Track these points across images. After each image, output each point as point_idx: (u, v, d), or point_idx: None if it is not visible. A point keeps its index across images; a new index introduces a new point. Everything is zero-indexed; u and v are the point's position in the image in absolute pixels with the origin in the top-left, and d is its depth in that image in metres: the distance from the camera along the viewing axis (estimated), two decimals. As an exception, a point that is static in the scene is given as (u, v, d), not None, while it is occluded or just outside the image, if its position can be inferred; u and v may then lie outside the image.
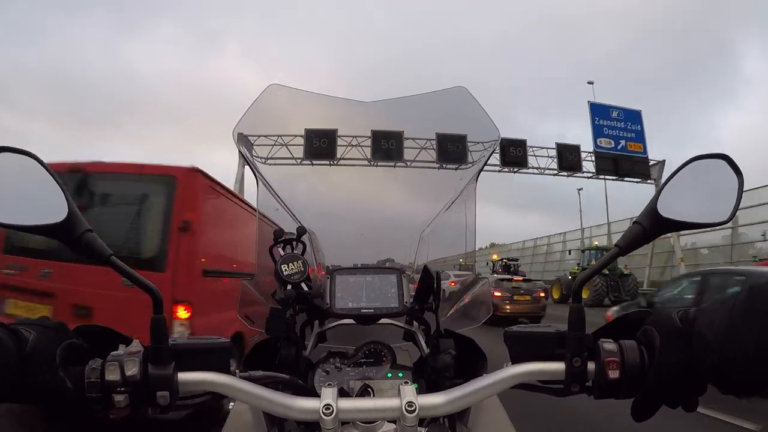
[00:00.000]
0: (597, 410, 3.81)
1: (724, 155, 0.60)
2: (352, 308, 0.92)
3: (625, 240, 0.61)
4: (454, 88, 0.95)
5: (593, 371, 0.61)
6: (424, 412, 0.59)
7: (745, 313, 0.52)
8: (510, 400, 0.90)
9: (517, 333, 0.67)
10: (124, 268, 0.60)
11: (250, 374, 0.67)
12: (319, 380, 0.88)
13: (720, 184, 0.60)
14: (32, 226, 0.54)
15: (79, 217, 0.56)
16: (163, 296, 0.59)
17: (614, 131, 20.44)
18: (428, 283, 0.93)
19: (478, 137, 0.98)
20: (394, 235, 1.11)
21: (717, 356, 0.53)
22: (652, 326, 0.60)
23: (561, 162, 19.81)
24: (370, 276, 0.95)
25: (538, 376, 0.64)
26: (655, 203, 0.59)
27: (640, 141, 20.79)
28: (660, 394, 0.58)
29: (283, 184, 0.97)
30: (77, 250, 0.57)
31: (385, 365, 0.91)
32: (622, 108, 21.03)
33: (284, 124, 1.06)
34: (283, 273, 0.82)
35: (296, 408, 0.59)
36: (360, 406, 0.61)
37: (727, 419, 3.90)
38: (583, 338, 0.61)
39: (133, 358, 0.58)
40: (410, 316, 0.98)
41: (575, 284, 0.63)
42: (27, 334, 0.55)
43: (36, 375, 0.54)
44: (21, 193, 0.55)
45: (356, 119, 1.02)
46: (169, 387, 0.58)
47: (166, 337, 0.60)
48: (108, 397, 0.57)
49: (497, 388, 0.63)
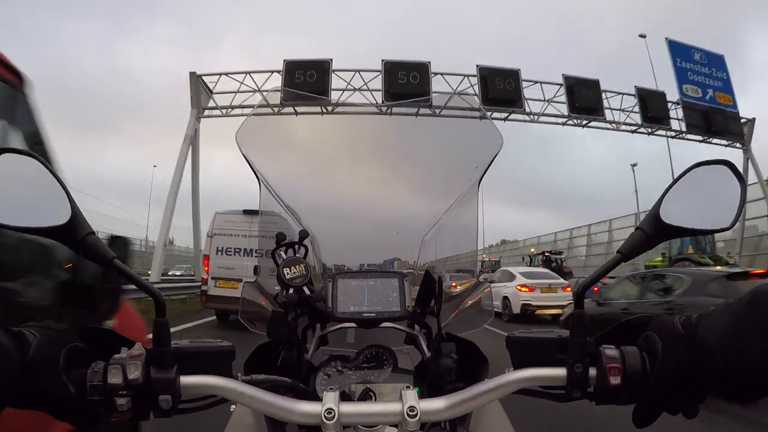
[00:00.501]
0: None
1: (726, 161, 0.60)
2: (353, 312, 0.92)
3: (627, 246, 0.62)
4: (458, 93, 0.96)
5: (595, 377, 0.61)
6: (426, 417, 0.59)
7: (747, 318, 0.51)
8: (512, 404, 0.90)
9: (519, 338, 0.68)
10: (127, 271, 0.60)
11: (252, 378, 0.67)
12: (320, 384, 0.88)
13: (722, 190, 0.60)
14: (36, 228, 0.55)
15: (83, 220, 0.57)
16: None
17: (700, 77, 16.57)
18: (430, 286, 0.93)
19: (481, 143, 0.98)
20: (397, 238, 1.11)
21: (720, 362, 0.52)
22: (654, 332, 0.60)
23: (644, 111, 15.65)
24: (372, 280, 0.95)
25: (540, 381, 0.64)
26: (657, 209, 0.60)
27: (728, 92, 16.93)
28: (661, 400, 0.58)
29: (285, 187, 0.97)
30: (80, 253, 0.57)
31: (387, 369, 0.91)
32: (705, 50, 17.07)
33: (286, 128, 1.06)
34: (285, 276, 0.83)
35: (298, 412, 0.59)
36: (361, 410, 0.61)
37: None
38: (585, 344, 0.61)
39: (136, 362, 0.58)
40: (412, 319, 0.98)
41: (577, 290, 0.63)
42: (30, 338, 0.55)
43: (39, 379, 0.54)
44: (24, 195, 0.56)
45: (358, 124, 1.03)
46: (172, 390, 0.59)
47: (168, 341, 0.60)
48: (110, 401, 0.57)
49: (498, 393, 0.63)
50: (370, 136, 1.03)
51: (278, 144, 1.05)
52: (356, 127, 1.01)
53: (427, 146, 1.09)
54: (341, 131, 1.06)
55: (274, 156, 1.01)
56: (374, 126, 1.01)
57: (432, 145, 1.09)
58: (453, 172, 1.06)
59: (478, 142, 1.01)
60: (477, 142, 1.01)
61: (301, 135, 1.08)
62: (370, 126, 1.00)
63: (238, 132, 0.90)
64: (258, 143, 0.95)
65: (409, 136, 1.07)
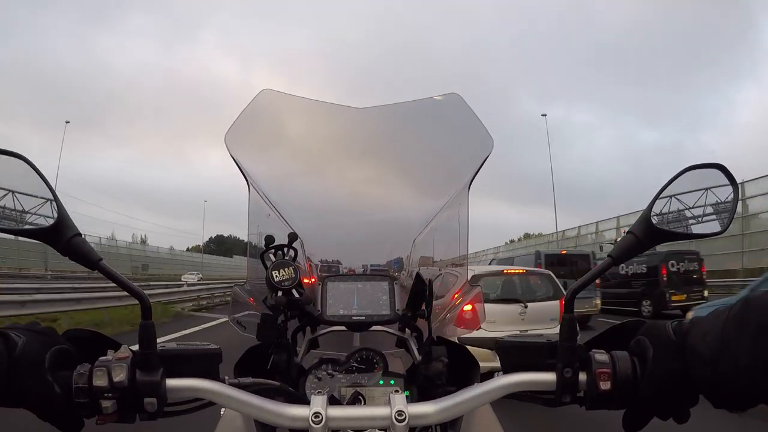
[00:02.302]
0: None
1: (719, 165, 0.60)
2: (343, 315, 0.91)
3: (618, 250, 0.62)
4: (448, 95, 0.96)
5: (585, 382, 0.61)
6: (414, 421, 0.59)
7: (738, 325, 0.51)
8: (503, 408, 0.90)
9: (509, 343, 0.67)
10: (113, 273, 0.59)
11: (239, 381, 0.67)
12: (310, 387, 0.87)
13: (715, 193, 0.60)
14: (21, 230, 0.54)
15: (69, 221, 0.56)
16: None
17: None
18: (421, 289, 0.93)
19: (471, 145, 0.98)
20: (387, 240, 1.10)
21: (710, 369, 0.52)
22: (645, 337, 0.60)
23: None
24: (361, 283, 0.94)
25: (530, 386, 0.64)
26: (648, 213, 0.60)
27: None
28: (652, 405, 0.58)
29: (274, 189, 0.96)
30: (66, 255, 0.57)
31: (377, 372, 0.91)
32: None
33: (276, 130, 1.06)
34: (274, 279, 0.82)
35: (285, 415, 0.59)
36: (349, 414, 0.61)
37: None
38: (575, 349, 0.61)
39: (121, 364, 0.57)
40: (402, 323, 0.98)
41: (567, 294, 0.63)
42: (16, 339, 0.55)
43: (24, 379, 0.54)
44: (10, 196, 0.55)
45: (348, 125, 1.02)
46: (157, 393, 0.58)
47: (154, 343, 0.60)
48: (96, 403, 0.56)
49: (488, 398, 0.63)
50: (361, 131, 1.03)
51: (268, 145, 1.04)
52: (348, 120, 1.01)
53: (418, 146, 1.09)
54: (332, 126, 1.05)
55: (263, 158, 1.00)
56: (366, 119, 1.00)
57: (423, 145, 1.09)
58: (444, 175, 1.06)
59: (468, 145, 1.01)
60: (468, 144, 1.01)
61: (292, 134, 1.07)
62: (362, 119, 1.00)
63: (228, 133, 0.90)
64: (247, 145, 0.94)
65: (401, 131, 1.07)
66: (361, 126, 1.01)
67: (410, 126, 1.06)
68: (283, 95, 0.96)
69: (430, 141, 1.08)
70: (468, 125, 0.95)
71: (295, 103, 0.99)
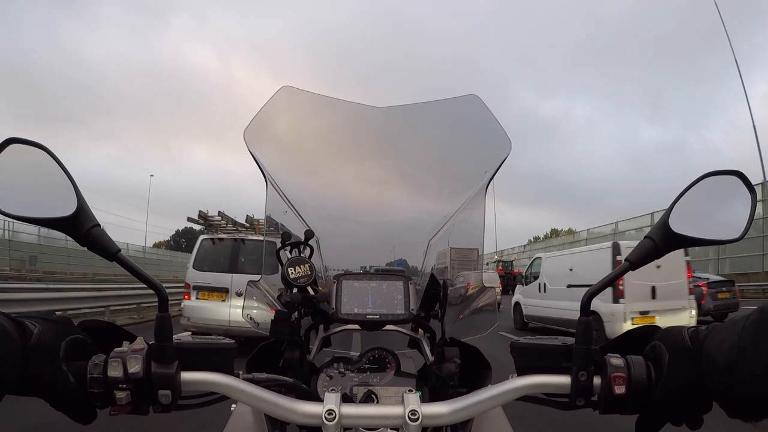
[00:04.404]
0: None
1: (737, 172, 0.59)
2: (357, 314, 0.91)
3: (635, 254, 0.61)
4: (466, 96, 0.95)
5: (599, 386, 0.60)
6: (427, 421, 0.59)
7: (755, 334, 0.50)
8: (513, 410, 0.89)
9: (523, 344, 0.67)
10: (131, 264, 0.60)
11: (253, 376, 0.67)
12: (322, 385, 0.88)
13: (733, 200, 0.59)
14: (41, 219, 0.55)
15: (89, 212, 0.57)
16: None
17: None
18: (435, 290, 0.93)
19: (489, 146, 0.98)
20: (403, 239, 1.11)
21: (725, 377, 0.51)
22: (661, 342, 0.59)
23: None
24: (376, 282, 0.94)
25: (543, 388, 0.63)
26: (667, 218, 0.59)
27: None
28: (666, 410, 0.58)
29: (292, 186, 0.97)
30: (85, 245, 0.58)
31: (390, 372, 0.91)
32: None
33: (295, 128, 1.06)
34: (289, 276, 0.83)
35: (299, 412, 0.59)
36: (363, 412, 0.60)
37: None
38: (590, 352, 0.61)
39: (137, 356, 0.58)
40: (416, 323, 0.98)
41: (584, 298, 0.62)
42: (32, 327, 0.55)
43: (39, 368, 0.54)
44: (31, 185, 0.56)
45: (366, 124, 1.03)
46: (172, 386, 0.59)
47: (170, 336, 0.60)
48: (110, 394, 0.57)
49: (501, 400, 0.63)
50: (379, 130, 1.03)
51: (286, 142, 1.05)
52: (366, 119, 1.01)
53: (436, 147, 1.09)
54: (351, 124, 1.05)
55: (281, 154, 1.01)
56: (384, 119, 1.00)
57: (441, 146, 1.09)
58: (461, 176, 1.05)
59: (486, 146, 1.00)
60: (485, 145, 1.01)
61: (310, 132, 1.07)
62: (381, 118, 1.00)
63: (247, 129, 0.90)
64: (266, 141, 0.95)
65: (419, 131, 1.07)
66: (379, 125, 1.02)
67: (428, 126, 1.06)
68: (303, 92, 0.96)
69: (448, 142, 1.08)
70: (486, 126, 0.95)
71: (315, 101, 0.99)
